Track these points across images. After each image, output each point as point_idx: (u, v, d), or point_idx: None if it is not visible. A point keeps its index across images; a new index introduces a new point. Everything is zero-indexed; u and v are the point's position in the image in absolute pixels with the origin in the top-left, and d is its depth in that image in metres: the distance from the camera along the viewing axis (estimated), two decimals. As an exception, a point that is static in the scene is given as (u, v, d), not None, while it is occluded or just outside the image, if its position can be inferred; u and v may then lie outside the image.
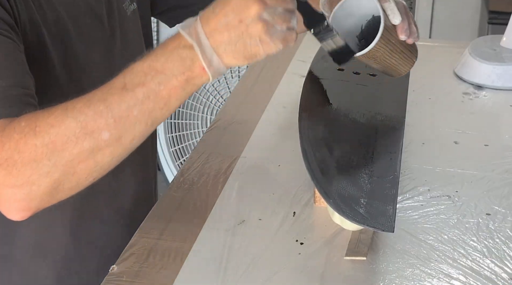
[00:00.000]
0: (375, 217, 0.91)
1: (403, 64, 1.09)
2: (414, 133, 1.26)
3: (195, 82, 0.80)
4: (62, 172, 0.78)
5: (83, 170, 0.79)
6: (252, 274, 0.93)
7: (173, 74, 0.78)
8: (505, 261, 0.95)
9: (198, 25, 0.79)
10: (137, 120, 0.79)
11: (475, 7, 3.00)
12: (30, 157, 0.77)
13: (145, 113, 0.79)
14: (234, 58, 0.79)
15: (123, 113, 0.78)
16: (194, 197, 1.10)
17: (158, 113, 0.80)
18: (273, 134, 1.29)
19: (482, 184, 1.12)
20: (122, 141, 0.79)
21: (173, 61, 0.79)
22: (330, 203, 0.92)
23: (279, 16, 0.79)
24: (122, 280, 0.93)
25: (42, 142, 0.77)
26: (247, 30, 0.78)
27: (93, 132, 0.78)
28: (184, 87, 0.80)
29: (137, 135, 0.80)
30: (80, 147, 0.78)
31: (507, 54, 1.50)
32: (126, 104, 0.78)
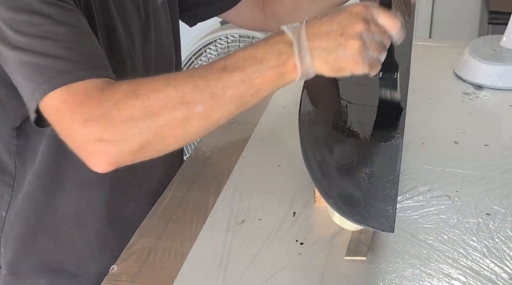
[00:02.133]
0: (375, 217, 0.91)
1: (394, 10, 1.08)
2: (414, 133, 1.26)
3: (286, 77, 0.84)
4: (154, 134, 0.84)
5: (172, 136, 0.85)
6: (252, 274, 0.93)
7: (269, 65, 0.83)
8: (505, 261, 0.95)
9: (302, 27, 0.84)
10: (229, 100, 0.84)
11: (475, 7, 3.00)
12: (127, 115, 0.82)
13: (237, 95, 0.84)
14: (323, 65, 0.84)
15: (219, 91, 0.83)
16: (194, 197, 1.10)
17: (247, 98, 0.85)
18: (273, 134, 1.29)
19: (482, 184, 1.12)
20: (211, 116, 0.85)
21: (272, 53, 0.84)
22: (330, 203, 0.92)
23: (375, 44, 0.83)
24: (122, 280, 0.93)
25: (142, 104, 0.82)
26: (345, 43, 0.82)
27: (189, 103, 0.83)
28: (276, 79, 0.84)
29: (225, 114, 0.86)
30: (175, 114, 0.83)
31: (507, 54, 1.50)
32: (222, 84, 0.83)
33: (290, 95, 1.40)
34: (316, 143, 1.02)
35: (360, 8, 0.84)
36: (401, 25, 0.86)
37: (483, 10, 2.86)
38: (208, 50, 2.46)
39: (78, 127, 0.83)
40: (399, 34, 0.86)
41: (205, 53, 2.47)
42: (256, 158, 1.21)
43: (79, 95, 0.84)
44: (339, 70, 0.84)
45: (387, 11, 0.86)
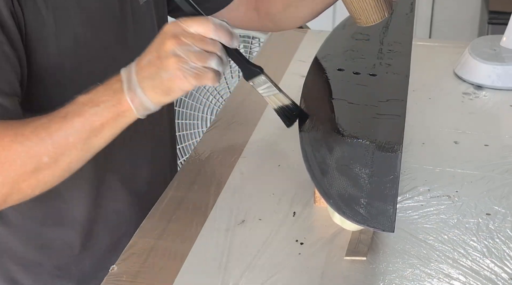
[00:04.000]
0: (375, 217, 0.91)
1: (373, 8, 1.08)
2: (414, 133, 1.26)
3: (125, 114, 0.88)
4: (9, 188, 0.89)
5: (27, 186, 0.90)
6: (252, 274, 0.93)
7: (106, 106, 0.87)
8: (505, 261, 0.95)
9: (133, 64, 0.88)
10: (73, 146, 0.88)
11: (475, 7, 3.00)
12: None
13: (80, 141, 0.88)
14: (154, 92, 0.86)
15: (61, 140, 0.88)
16: (194, 197, 1.10)
17: (93, 141, 0.89)
18: (273, 134, 1.29)
19: (482, 184, 1.12)
20: (59, 164, 0.89)
21: (108, 94, 0.87)
22: (330, 203, 0.92)
23: (194, 54, 0.83)
24: (122, 280, 0.93)
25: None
26: (162, 65, 0.84)
27: (35, 156, 0.88)
28: (116, 119, 0.88)
29: (74, 159, 0.90)
30: (24, 168, 0.88)
31: (507, 54, 1.50)
32: (64, 132, 0.87)
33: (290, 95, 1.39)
34: (316, 143, 1.02)
35: (168, 26, 0.85)
36: (214, 26, 0.84)
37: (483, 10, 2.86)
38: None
39: None
40: (222, 36, 0.85)
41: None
42: (256, 158, 1.21)
43: None
44: (168, 91, 0.85)
45: (195, 18, 0.85)
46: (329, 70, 1.24)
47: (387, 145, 1.03)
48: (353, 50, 1.26)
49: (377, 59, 1.27)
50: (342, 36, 1.35)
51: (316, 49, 1.33)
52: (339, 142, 1.04)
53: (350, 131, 1.08)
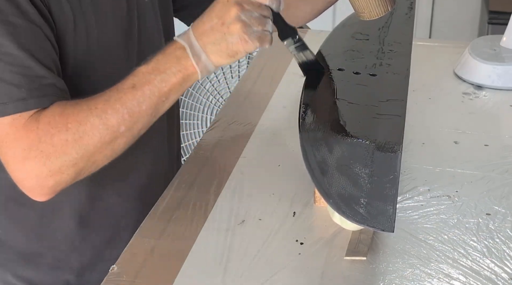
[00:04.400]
0: (375, 217, 0.91)
1: (377, 1, 1.11)
2: (414, 133, 1.26)
3: (190, 78, 0.95)
4: (86, 161, 0.93)
5: (103, 158, 0.95)
6: (252, 274, 0.93)
7: (172, 72, 0.94)
8: (505, 261, 0.95)
9: (190, 30, 0.95)
10: (146, 113, 0.94)
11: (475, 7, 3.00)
12: (61, 150, 0.91)
13: (151, 107, 0.94)
14: (219, 56, 0.93)
15: (135, 108, 0.93)
16: (194, 197, 1.10)
17: (160, 106, 0.95)
18: (273, 134, 1.29)
19: (482, 184, 1.12)
20: (133, 131, 0.95)
21: (171, 62, 0.94)
22: (330, 203, 0.92)
23: (255, 19, 0.92)
24: (122, 280, 0.93)
25: (73, 138, 0.92)
26: (228, 30, 0.92)
27: (113, 127, 0.93)
28: (181, 83, 0.95)
29: (145, 125, 0.96)
30: (103, 140, 0.93)
31: (507, 54, 1.50)
32: (136, 101, 0.93)
33: (290, 95, 1.40)
34: (316, 143, 1.02)
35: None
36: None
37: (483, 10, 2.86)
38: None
39: (18, 164, 0.92)
40: (275, 3, 0.94)
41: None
42: (256, 158, 1.21)
43: (19, 130, 0.92)
44: (234, 54, 0.93)
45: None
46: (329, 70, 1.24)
47: (387, 145, 1.03)
48: (353, 50, 1.26)
49: (377, 59, 1.27)
50: (342, 36, 1.35)
51: (316, 49, 1.33)
52: (339, 142, 1.04)
53: (350, 131, 1.08)
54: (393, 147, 1.03)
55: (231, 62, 0.95)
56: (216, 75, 2.51)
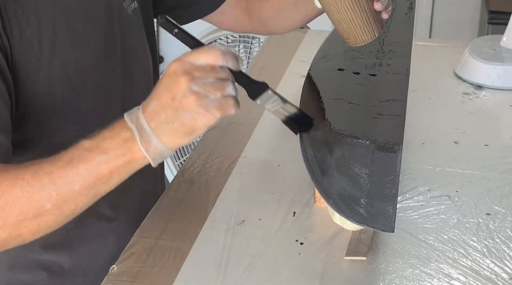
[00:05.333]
0: (375, 217, 0.91)
1: (362, 27, 1.03)
2: (414, 133, 1.26)
3: (137, 162, 0.83)
4: (9, 233, 0.84)
5: (28, 232, 0.85)
6: (252, 274, 0.93)
7: (116, 154, 0.82)
8: (505, 261, 0.95)
9: (139, 109, 0.83)
10: (79, 193, 0.84)
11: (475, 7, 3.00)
12: None
13: (86, 188, 0.83)
14: (174, 136, 0.81)
15: (66, 187, 0.83)
16: (194, 197, 1.10)
17: (99, 187, 0.84)
18: (273, 134, 1.29)
19: (482, 184, 1.12)
20: (63, 210, 0.84)
21: (116, 143, 0.82)
22: (330, 203, 0.92)
23: (211, 86, 0.80)
24: (122, 280, 0.93)
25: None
26: (181, 105, 0.79)
27: (37, 202, 0.83)
28: (126, 166, 0.83)
29: (78, 205, 0.85)
30: (25, 214, 0.83)
31: (507, 54, 1.50)
32: (69, 179, 0.83)
33: (290, 95, 1.39)
34: (316, 143, 1.02)
35: (174, 65, 0.81)
36: (221, 52, 0.81)
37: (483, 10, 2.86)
38: (208, 50, 2.46)
39: None
40: (230, 60, 0.82)
41: (205, 53, 2.46)
42: (256, 158, 1.21)
43: None
44: (192, 132, 0.81)
45: (200, 49, 0.81)
46: (329, 70, 1.24)
47: (387, 145, 1.03)
48: (353, 50, 1.26)
49: (377, 59, 1.27)
50: (342, 36, 1.35)
51: (316, 49, 1.33)
52: (339, 142, 1.04)
53: (350, 131, 1.08)
54: (393, 147, 1.03)
55: (190, 141, 0.82)
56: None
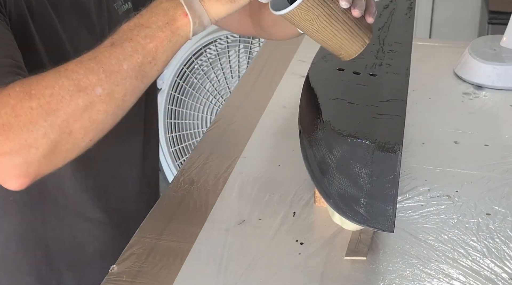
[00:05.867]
0: (375, 217, 0.91)
1: (348, 40, 0.98)
2: (414, 133, 1.26)
3: (180, 32, 0.81)
4: (59, 132, 0.78)
5: (79, 129, 0.79)
6: (252, 274, 0.93)
7: (158, 26, 0.80)
8: (505, 261, 0.95)
9: None
10: (128, 74, 0.80)
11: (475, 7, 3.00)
12: (26, 119, 0.76)
13: (135, 67, 0.80)
14: (216, 1, 0.81)
15: (114, 67, 0.79)
16: (194, 197, 1.10)
17: (147, 67, 0.81)
18: (273, 134, 1.29)
19: (482, 184, 1.12)
20: (114, 96, 0.80)
21: (157, 14, 0.81)
22: (330, 203, 0.92)
23: None
24: (122, 280, 0.93)
25: (38, 104, 0.77)
26: None
27: (86, 88, 0.78)
28: (170, 38, 0.81)
29: (129, 90, 0.81)
30: (75, 104, 0.78)
31: (507, 54, 1.50)
32: (115, 59, 0.79)
33: (290, 95, 1.40)
34: (316, 143, 1.02)
35: None
36: None
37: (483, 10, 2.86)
38: (208, 50, 2.47)
39: None
40: None
41: (205, 53, 2.47)
42: (256, 158, 1.21)
43: None
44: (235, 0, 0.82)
45: None
46: (329, 70, 1.24)
47: (387, 145, 1.03)
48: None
49: (377, 59, 1.27)
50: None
51: (316, 49, 1.33)
52: (339, 142, 1.04)
53: (350, 131, 1.08)
54: (393, 147, 1.03)
55: (231, 10, 0.82)
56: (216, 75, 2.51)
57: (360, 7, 0.94)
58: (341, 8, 0.93)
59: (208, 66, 2.49)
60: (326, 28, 0.95)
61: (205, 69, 2.50)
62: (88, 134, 0.80)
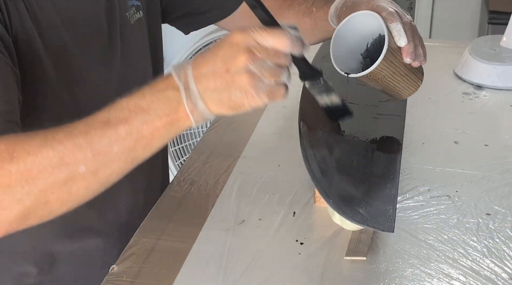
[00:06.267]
0: (375, 217, 0.91)
1: (406, 88, 1.07)
2: (414, 133, 1.26)
3: (179, 124, 0.79)
4: (35, 200, 0.76)
5: (56, 200, 0.78)
6: (252, 274, 0.93)
7: (157, 114, 0.77)
8: (505, 261, 0.95)
9: (188, 68, 0.78)
10: (117, 156, 0.78)
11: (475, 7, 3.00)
12: (3, 182, 0.75)
13: (125, 151, 0.78)
14: (219, 106, 0.78)
15: (103, 148, 0.77)
16: (194, 197, 1.10)
17: (139, 152, 0.79)
18: (273, 134, 1.29)
19: (482, 184, 1.12)
20: (98, 175, 0.78)
21: (159, 101, 0.77)
22: (330, 203, 0.92)
23: (267, 70, 0.76)
24: (122, 280, 0.93)
25: (17, 169, 0.75)
26: (233, 80, 0.76)
27: (70, 164, 0.76)
28: (168, 128, 0.78)
29: (115, 171, 0.79)
30: (55, 177, 0.76)
31: (507, 54, 1.50)
32: (107, 140, 0.77)
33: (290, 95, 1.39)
34: (316, 143, 1.02)
35: (240, 37, 0.77)
36: (291, 40, 0.77)
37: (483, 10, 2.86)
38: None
39: None
40: (296, 48, 0.78)
41: (205, 53, 2.46)
42: (256, 158, 1.21)
43: None
44: (236, 108, 0.78)
45: (271, 30, 0.77)
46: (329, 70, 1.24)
47: (387, 145, 1.03)
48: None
49: (377, 59, 1.27)
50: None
51: (316, 49, 1.33)
52: (339, 142, 1.04)
53: (350, 131, 1.08)
54: (393, 147, 1.03)
55: (233, 114, 0.79)
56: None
57: (419, 57, 1.00)
58: (403, 62, 0.99)
59: (208, 66, 2.49)
60: (390, 83, 1.02)
61: (205, 69, 2.50)
62: (65, 205, 0.79)
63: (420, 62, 1.02)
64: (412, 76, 1.06)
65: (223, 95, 0.77)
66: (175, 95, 0.77)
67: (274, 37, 0.77)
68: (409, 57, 0.99)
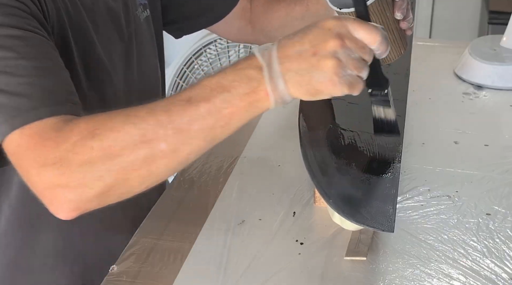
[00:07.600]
0: (375, 217, 0.91)
1: (391, 49, 1.00)
2: (414, 133, 1.26)
3: (259, 105, 0.78)
4: (115, 177, 0.77)
5: (136, 177, 0.78)
6: (252, 274, 0.93)
7: (238, 93, 0.77)
8: (505, 261, 0.95)
9: (273, 48, 0.77)
10: (196, 134, 0.77)
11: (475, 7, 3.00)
12: (84, 159, 0.76)
13: (205, 129, 0.77)
14: (298, 88, 0.77)
15: (184, 126, 0.77)
16: (194, 197, 1.10)
17: (218, 131, 0.78)
18: (273, 134, 1.29)
19: (482, 184, 1.12)
20: (178, 153, 0.78)
21: (241, 80, 0.77)
22: (330, 203, 0.92)
23: (352, 61, 0.76)
24: (122, 280, 0.93)
25: (100, 145, 0.76)
26: (318, 64, 0.75)
27: (151, 141, 0.76)
28: (247, 108, 0.78)
29: (194, 150, 0.79)
30: (136, 154, 0.76)
31: (507, 54, 1.50)
32: (187, 117, 0.77)
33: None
34: (316, 143, 1.02)
35: (333, 23, 0.77)
36: (381, 38, 0.78)
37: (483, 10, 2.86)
38: (208, 50, 2.46)
39: (34, 173, 0.78)
40: (381, 48, 0.78)
41: (205, 53, 2.47)
42: (256, 158, 1.21)
43: (33, 137, 0.78)
44: (315, 93, 0.77)
45: (365, 23, 0.78)
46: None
47: (387, 145, 1.03)
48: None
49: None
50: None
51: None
52: (339, 142, 1.04)
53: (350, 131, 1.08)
54: (393, 147, 1.03)
55: (309, 99, 0.78)
56: (216, 75, 2.50)
57: (409, 20, 0.98)
58: (393, 18, 0.97)
59: (208, 66, 2.49)
60: None
61: (205, 69, 2.50)
62: (144, 182, 0.80)
63: (409, 26, 0.99)
64: (398, 38, 1.01)
65: (304, 78, 0.76)
66: (257, 74, 0.77)
67: (366, 31, 0.77)
68: (400, 12, 0.96)
